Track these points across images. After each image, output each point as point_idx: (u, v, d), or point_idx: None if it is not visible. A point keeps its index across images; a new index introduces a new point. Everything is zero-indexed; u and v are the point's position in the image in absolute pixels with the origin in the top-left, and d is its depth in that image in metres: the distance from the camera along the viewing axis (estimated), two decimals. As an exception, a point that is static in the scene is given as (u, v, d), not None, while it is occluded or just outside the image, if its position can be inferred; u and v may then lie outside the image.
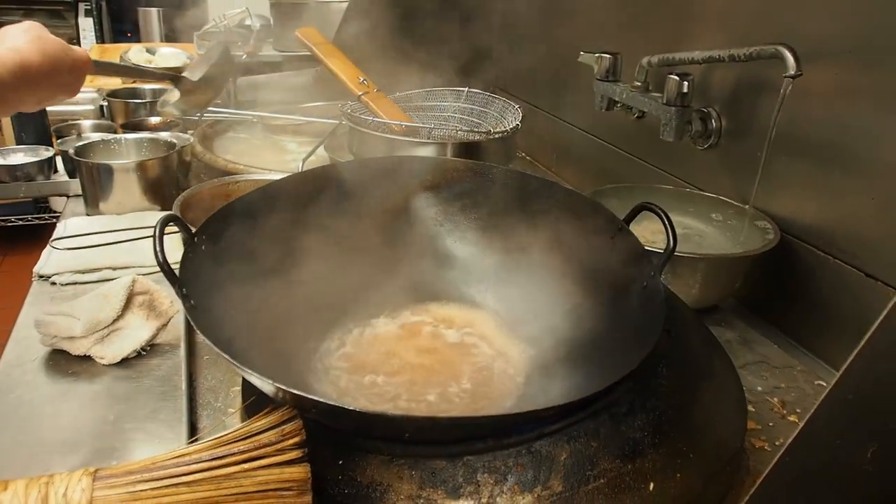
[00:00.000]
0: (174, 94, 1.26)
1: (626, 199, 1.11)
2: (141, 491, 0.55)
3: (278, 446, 0.58)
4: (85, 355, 0.86)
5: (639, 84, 1.29)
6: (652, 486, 0.62)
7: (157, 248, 0.67)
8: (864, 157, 0.95)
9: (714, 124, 1.21)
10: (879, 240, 0.94)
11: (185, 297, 0.67)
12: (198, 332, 0.63)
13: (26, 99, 0.83)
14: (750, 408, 0.89)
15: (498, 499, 0.59)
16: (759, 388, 0.94)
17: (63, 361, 0.86)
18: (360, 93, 1.37)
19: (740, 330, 1.08)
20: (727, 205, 1.17)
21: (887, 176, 0.92)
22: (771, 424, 0.86)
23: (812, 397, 0.91)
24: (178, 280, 0.68)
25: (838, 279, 1.00)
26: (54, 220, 1.37)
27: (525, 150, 1.94)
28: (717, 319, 1.10)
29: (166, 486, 0.56)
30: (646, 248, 0.81)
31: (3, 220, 3.38)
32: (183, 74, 1.25)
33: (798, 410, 0.89)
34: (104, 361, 0.85)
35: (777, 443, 0.82)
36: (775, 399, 0.91)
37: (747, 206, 1.10)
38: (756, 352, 1.02)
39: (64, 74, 0.86)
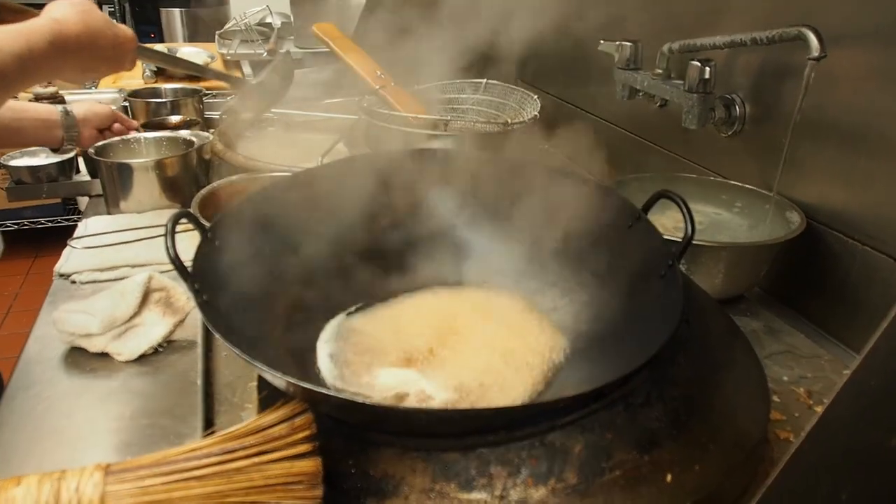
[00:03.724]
0: (235, 99, 1.27)
1: (648, 189, 1.09)
2: (152, 486, 0.55)
3: (288, 440, 0.58)
4: (102, 352, 0.86)
5: (660, 72, 1.27)
6: (670, 477, 0.61)
7: (169, 244, 0.67)
8: (892, 141, 0.92)
9: (738, 111, 1.18)
10: (910, 225, 0.92)
11: (196, 293, 0.67)
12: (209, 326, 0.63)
13: (65, 67, 0.89)
14: (775, 398, 0.87)
15: (511, 491, 0.59)
16: (785, 378, 0.91)
17: (81, 359, 0.87)
18: (377, 86, 1.36)
19: (766, 319, 1.05)
20: (752, 192, 1.15)
21: (919, 160, 0.89)
22: (797, 415, 0.84)
23: (840, 387, 0.89)
24: (190, 275, 0.68)
25: (867, 266, 0.97)
26: (82, 220, 1.38)
27: (547, 142, 1.92)
28: (743, 309, 1.08)
29: (177, 481, 0.55)
30: (665, 236, 0.80)
31: (32, 223, 3.45)
32: (246, 78, 1.26)
33: (825, 401, 0.86)
34: (121, 358, 0.85)
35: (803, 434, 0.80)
36: (801, 389, 0.89)
37: (771, 194, 1.07)
38: (782, 341, 1.00)
39: (105, 48, 0.92)
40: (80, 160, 1.48)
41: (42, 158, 1.43)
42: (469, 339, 0.81)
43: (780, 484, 0.49)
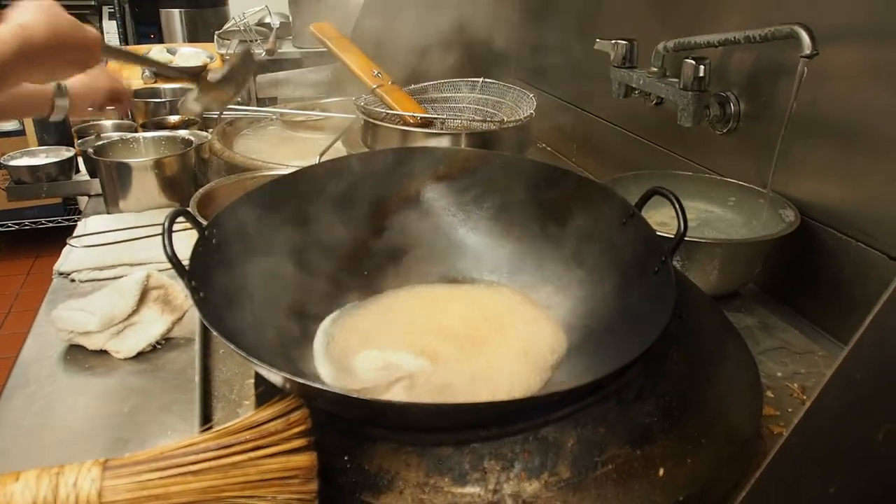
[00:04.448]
0: (193, 94, 1.27)
1: (644, 187, 1.09)
2: (148, 480, 0.56)
3: (284, 435, 0.58)
4: (101, 350, 0.87)
5: (655, 70, 1.27)
6: (662, 471, 0.61)
7: (166, 242, 0.67)
8: (886, 138, 0.93)
9: (733, 108, 1.19)
10: (904, 221, 0.92)
11: (194, 290, 0.68)
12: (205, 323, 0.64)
13: (32, 73, 0.87)
14: (769, 394, 0.87)
15: (505, 485, 0.59)
16: (780, 374, 0.92)
17: (80, 356, 0.88)
18: (374, 86, 1.37)
19: (761, 316, 1.06)
20: (747, 189, 1.15)
21: (910, 156, 0.90)
22: (790, 410, 0.84)
23: (833, 382, 0.89)
24: (187, 273, 0.68)
25: (861, 262, 0.98)
26: (82, 220, 1.38)
27: (545, 141, 1.93)
28: (738, 306, 1.09)
29: (173, 475, 0.56)
30: (659, 233, 0.80)
31: (33, 223, 3.46)
32: (205, 74, 1.26)
33: (818, 396, 0.87)
34: (120, 355, 0.86)
35: (796, 429, 0.80)
36: (795, 385, 0.89)
37: (766, 190, 1.08)
38: (777, 337, 1.01)
39: (73, 51, 0.89)
40: (80, 160, 1.49)
41: (42, 158, 1.44)
42: (465, 333, 0.82)
43: (768, 476, 0.50)
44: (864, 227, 0.97)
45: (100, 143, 1.37)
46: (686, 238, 0.75)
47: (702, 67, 1.12)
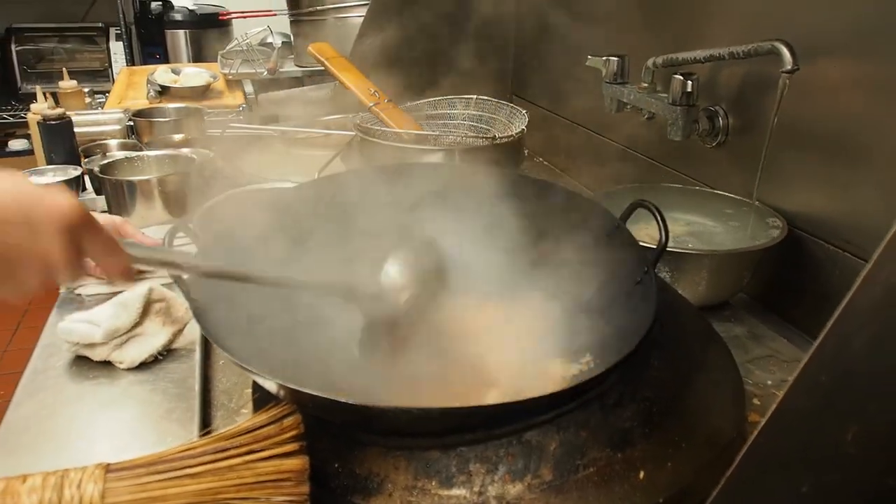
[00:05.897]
0: None
1: (635, 199, 1.13)
2: (148, 483, 0.58)
3: (277, 439, 0.61)
4: (105, 361, 0.90)
5: (646, 85, 1.30)
6: (642, 474, 0.64)
7: (166, 257, 0.70)
8: (870, 148, 0.95)
9: (721, 122, 1.21)
10: (887, 231, 0.94)
11: (192, 301, 0.71)
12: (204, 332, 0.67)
13: None
14: (756, 401, 0.89)
15: (489, 487, 0.61)
16: (769, 382, 0.94)
17: (85, 367, 0.90)
18: (371, 104, 1.40)
19: (750, 325, 1.08)
20: (736, 201, 1.18)
21: (893, 166, 0.92)
22: (776, 417, 0.86)
23: (819, 389, 0.91)
24: (187, 286, 0.71)
25: (848, 271, 1.00)
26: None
27: (540, 155, 1.96)
28: (728, 315, 1.11)
29: (172, 478, 0.59)
30: (643, 244, 0.83)
31: (42, 240, 3.49)
32: None
33: (802, 402, 0.89)
34: (123, 366, 0.89)
35: (782, 436, 0.82)
36: (782, 392, 0.91)
37: (752, 202, 1.10)
38: (766, 346, 1.03)
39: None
40: (87, 178, 1.52)
41: (50, 177, 1.47)
42: (456, 343, 0.84)
43: (736, 479, 0.52)
44: (849, 236, 0.99)
45: (105, 161, 1.41)
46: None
47: (689, 83, 1.15)
